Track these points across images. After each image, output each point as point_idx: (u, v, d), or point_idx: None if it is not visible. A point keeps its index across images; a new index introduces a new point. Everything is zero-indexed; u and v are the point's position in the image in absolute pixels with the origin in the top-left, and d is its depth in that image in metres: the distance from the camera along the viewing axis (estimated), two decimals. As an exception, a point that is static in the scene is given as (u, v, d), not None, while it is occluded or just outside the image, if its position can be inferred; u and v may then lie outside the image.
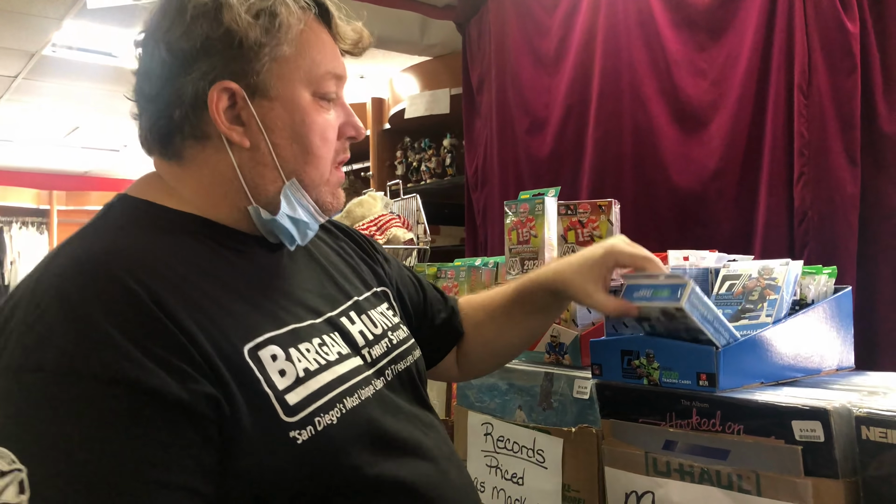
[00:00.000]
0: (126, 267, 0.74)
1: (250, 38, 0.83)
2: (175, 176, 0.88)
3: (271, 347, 0.79)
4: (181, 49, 0.82)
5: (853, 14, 1.71)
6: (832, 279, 1.22)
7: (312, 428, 0.77)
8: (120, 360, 0.68)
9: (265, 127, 0.86)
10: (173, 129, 0.85)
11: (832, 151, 1.73)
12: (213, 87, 0.83)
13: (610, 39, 2.25)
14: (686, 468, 1.03)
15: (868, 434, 0.86)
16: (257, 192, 0.87)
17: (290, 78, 0.86)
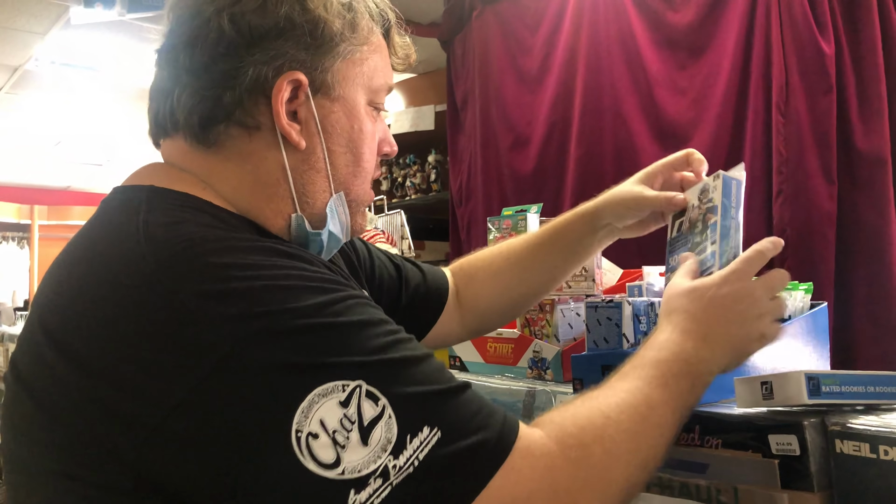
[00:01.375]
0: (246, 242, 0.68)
1: (333, 30, 0.76)
2: (209, 167, 0.76)
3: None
4: (251, 25, 0.72)
5: (829, 36, 1.75)
6: (808, 295, 1.24)
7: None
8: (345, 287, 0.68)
9: (323, 129, 0.78)
10: (220, 112, 0.74)
11: (809, 169, 1.76)
12: (283, 76, 0.73)
13: (592, 58, 2.28)
14: (666, 482, 1.04)
15: (842, 447, 0.87)
16: (305, 199, 0.79)
17: (355, 81, 0.80)
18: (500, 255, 1.18)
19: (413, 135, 3.67)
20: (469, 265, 1.22)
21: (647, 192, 1.05)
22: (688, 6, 2.06)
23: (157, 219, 0.68)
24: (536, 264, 1.15)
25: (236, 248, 0.65)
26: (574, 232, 1.12)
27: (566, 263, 1.16)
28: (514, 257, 1.16)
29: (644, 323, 1.18)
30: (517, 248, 1.17)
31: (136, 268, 0.64)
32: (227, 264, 0.63)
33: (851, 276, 1.74)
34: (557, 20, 2.42)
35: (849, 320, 1.73)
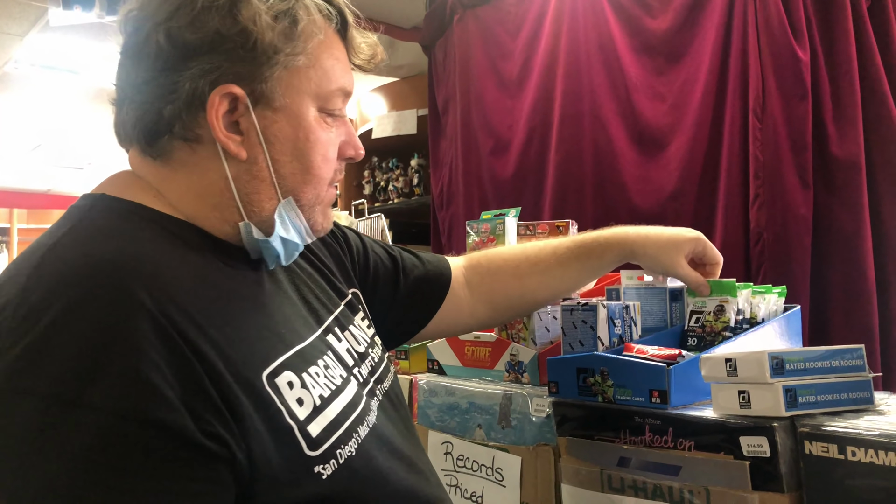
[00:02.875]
0: (142, 282, 0.66)
1: (266, 41, 0.76)
2: (160, 177, 0.79)
3: (286, 374, 0.74)
4: (184, 40, 0.74)
5: (804, 43, 1.77)
6: (782, 298, 1.26)
7: (335, 461, 0.74)
8: (135, 392, 0.61)
9: (265, 139, 0.78)
10: (161, 125, 0.76)
11: (786, 174, 1.78)
12: (216, 90, 0.75)
13: (571, 63, 2.29)
14: (640, 484, 1.05)
15: (811, 449, 0.88)
16: (250, 207, 0.80)
17: (300, 90, 0.80)
18: (526, 260, 1.24)
19: (396, 139, 3.67)
20: (490, 262, 1.26)
21: (686, 266, 1.19)
22: (666, 13, 2.07)
23: (73, 235, 0.72)
24: (564, 275, 1.24)
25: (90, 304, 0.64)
26: (606, 257, 1.22)
27: (590, 279, 1.29)
28: (542, 265, 1.23)
29: (619, 326, 1.19)
30: (545, 257, 1.24)
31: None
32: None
33: (827, 280, 1.76)
34: (537, 25, 2.43)
35: (825, 323, 1.75)
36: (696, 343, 1.18)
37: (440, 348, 1.55)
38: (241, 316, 0.75)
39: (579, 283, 1.28)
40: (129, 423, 0.60)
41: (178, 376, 0.63)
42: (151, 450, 0.61)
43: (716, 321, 1.17)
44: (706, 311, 1.18)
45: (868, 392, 0.97)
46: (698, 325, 1.19)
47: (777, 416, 0.90)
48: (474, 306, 1.23)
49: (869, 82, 1.75)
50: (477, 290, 1.23)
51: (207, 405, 0.65)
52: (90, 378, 0.60)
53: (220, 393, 0.66)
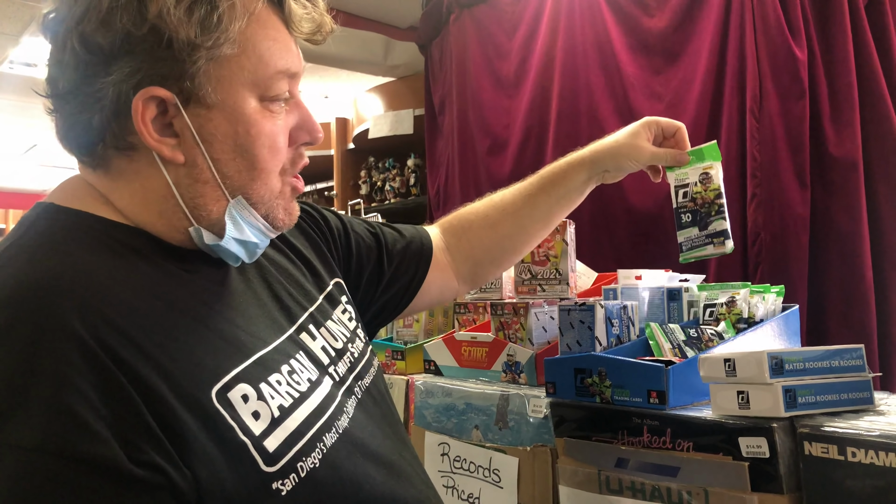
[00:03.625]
0: (73, 304, 0.62)
1: (181, 37, 0.69)
2: (105, 185, 0.75)
3: (241, 387, 0.70)
4: (97, 45, 0.68)
5: (801, 42, 1.77)
6: (780, 298, 1.25)
7: (296, 475, 0.70)
8: (57, 425, 0.58)
9: (202, 139, 0.73)
10: (93, 135, 0.72)
11: (783, 173, 1.77)
12: (137, 95, 0.69)
13: (568, 63, 2.29)
14: (638, 486, 1.04)
15: (811, 450, 0.88)
16: (198, 212, 0.75)
17: (232, 81, 0.73)
18: (493, 207, 1.21)
19: (392, 139, 3.67)
20: (460, 220, 1.24)
21: (651, 147, 1.15)
22: (663, 11, 2.06)
23: (12, 251, 0.68)
24: (533, 211, 1.19)
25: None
26: (571, 179, 1.18)
27: (561, 209, 1.22)
28: (510, 207, 1.19)
29: (616, 326, 1.18)
30: (510, 198, 1.21)
31: None
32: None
33: (825, 280, 1.75)
34: (534, 25, 2.43)
35: (823, 323, 1.74)
36: (691, 219, 1.12)
37: (437, 349, 1.54)
38: (192, 328, 0.71)
39: (551, 215, 1.22)
40: (52, 459, 0.57)
41: (108, 405, 0.60)
42: (76, 486, 0.58)
43: (706, 190, 1.10)
44: (691, 182, 1.12)
45: (868, 392, 0.97)
46: (688, 200, 1.12)
47: (776, 416, 0.89)
48: (457, 268, 1.21)
49: (866, 81, 1.75)
50: (456, 250, 1.21)
51: (141, 433, 0.61)
52: (10, 415, 0.57)
53: (159, 417, 0.62)
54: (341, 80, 4.17)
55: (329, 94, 4.55)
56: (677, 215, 1.12)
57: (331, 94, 4.55)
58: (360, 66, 3.64)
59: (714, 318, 1.22)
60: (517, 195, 1.20)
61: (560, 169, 1.19)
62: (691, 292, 1.29)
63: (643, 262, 1.50)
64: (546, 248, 1.41)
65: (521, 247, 1.25)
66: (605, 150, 1.17)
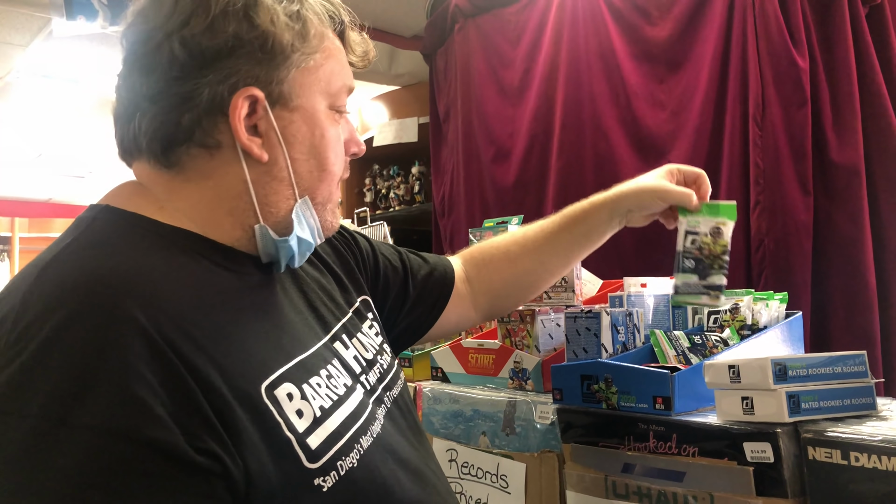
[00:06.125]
0: (135, 298, 0.65)
1: (283, 43, 0.77)
2: (170, 187, 0.79)
3: (286, 385, 0.73)
4: (201, 47, 0.74)
5: (803, 50, 1.78)
6: (783, 304, 1.26)
7: (336, 473, 0.73)
8: (125, 410, 0.60)
9: (284, 140, 0.79)
10: (180, 134, 0.76)
11: (786, 181, 1.79)
12: (237, 94, 0.75)
13: (572, 72, 2.31)
14: (644, 490, 1.05)
15: (815, 454, 0.89)
16: (268, 209, 0.80)
17: (312, 88, 0.81)
18: (515, 243, 1.24)
19: (397, 147, 3.68)
20: (481, 252, 1.26)
21: (672, 186, 1.14)
22: (665, 20, 2.08)
23: (73, 250, 0.72)
24: (554, 248, 1.21)
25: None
26: (594, 219, 1.19)
27: (582, 249, 1.23)
28: (531, 244, 1.21)
29: (622, 333, 1.19)
30: (533, 235, 1.23)
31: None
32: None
33: (828, 286, 1.77)
34: (538, 34, 2.45)
35: (826, 330, 1.76)
36: (693, 266, 1.13)
37: (444, 356, 1.56)
38: (241, 327, 0.74)
39: (572, 254, 1.23)
40: (120, 442, 0.59)
41: (169, 393, 0.63)
42: (142, 469, 0.60)
43: (714, 243, 1.12)
44: (701, 231, 1.13)
45: (871, 398, 0.98)
46: (695, 247, 1.13)
47: (780, 421, 0.90)
48: (476, 299, 1.23)
49: (868, 89, 1.76)
50: (476, 282, 1.23)
51: (200, 421, 0.64)
52: (79, 397, 0.60)
53: (215, 408, 0.65)
54: (346, 89, 4.19)
55: (333, 102, 4.57)
56: (680, 259, 1.13)
57: (335, 103, 4.57)
58: (365, 74, 3.66)
59: (718, 325, 1.24)
60: (539, 232, 1.23)
61: (582, 208, 1.21)
62: (696, 299, 1.30)
63: (648, 270, 1.51)
64: (552, 256, 1.42)
65: (539, 283, 1.27)
66: (628, 190, 1.18)
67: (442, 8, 2.83)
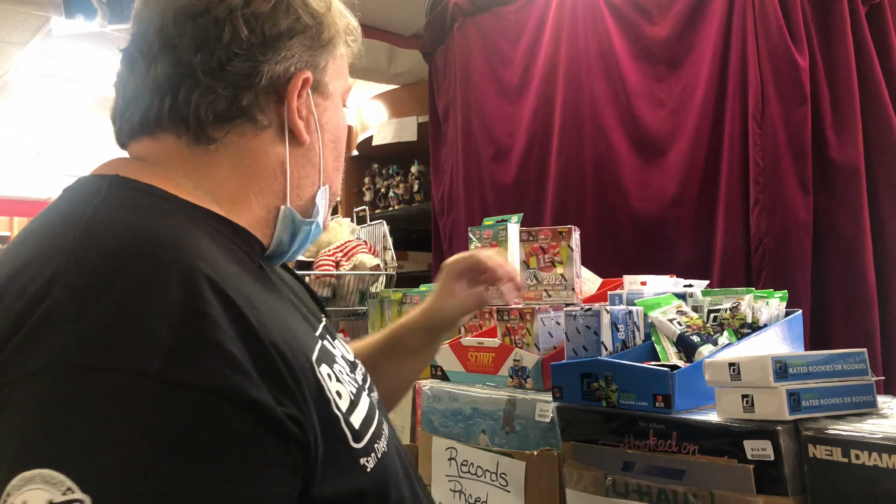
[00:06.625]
0: (199, 257, 0.63)
1: (331, 31, 0.80)
2: (195, 164, 0.75)
3: (324, 366, 0.70)
4: (264, 28, 0.75)
5: (803, 49, 1.78)
6: (783, 303, 1.26)
7: (375, 455, 0.72)
8: (220, 368, 0.57)
9: (320, 125, 0.82)
10: (234, 110, 0.75)
11: (786, 179, 1.79)
12: (297, 75, 0.77)
13: (571, 70, 2.30)
14: (644, 489, 1.05)
15: (815, 452, 0.89)
16: (296, 192, 0.81)
17: (338, 79, 0.84)
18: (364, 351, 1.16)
19: (396, 146, 3.68)
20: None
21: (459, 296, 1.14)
22: (665, 19, 2.08)
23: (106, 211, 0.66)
24: (385, 367, 1.13)
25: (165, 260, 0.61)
26: (410, 341, 1.16)
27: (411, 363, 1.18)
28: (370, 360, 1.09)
29: (622, 331, 1.19)
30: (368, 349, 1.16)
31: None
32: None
33: (827, 285, 1.77)
34: (537, 33, 2.45)
35: (826, 329, 1.76)
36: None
37: (443, 354, 1.56)
38: (276, 303, 0.72)
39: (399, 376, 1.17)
40: (218, 401, 0.56)
41: (252, 355, 0.60)
42: (239, 429, 0.57)
43: (732, 318, 1.20)
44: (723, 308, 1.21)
45: (871, 396, 0.98)
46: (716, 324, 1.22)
47: (781, 419, 0.90)
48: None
49: (868, 87, 1.76)
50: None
51: (283, 384, 0.61)
52: (172, 353, 0.56)
53: (290, 373, 0.62)
54: (345, 88, 4.19)
55: (333, 101, 4.57)
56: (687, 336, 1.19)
57: (334, 102, 4.57)
58: (364, 73, 3.67)
59: (718, 324, 1.23)
60: (373, 349, 1.16)
61: (400, 332, 1.17)
62: (696, 297, 1.30)
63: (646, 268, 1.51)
64: (552, 254, 1.42)
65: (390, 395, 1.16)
66: (431, 313, 1.15)
67: (441, 7, 2.83)
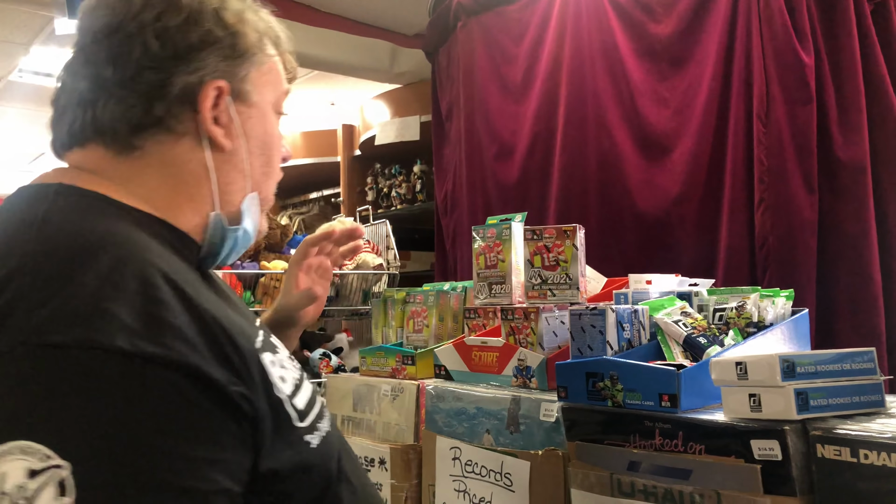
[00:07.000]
0: (152, 254, 0.69)
1: (248, 42, 0.83)
2: (125, 172, 0.79)
3: (266, 354, 0.75)
4: (175, 40, 0.78)
5: (808, 47, 1.78)
6: (790, 302, 1.26)
7: (318, 433, 0.77)
8: (178, 342, 0.62)
9: (244, 132, 0.84)
10: (149, 120, 0.79)
11: (791, 178, 1.78)
12: (206, 84, 0.80)
13: (575, 69, 2.30)
14: (650, 489, 1.05)
15: (823, 452, 0.88)
16: (225, 198, 0.84)
17: (266, 88, 0.87)
18: None
19: (398, 145, 3.68)
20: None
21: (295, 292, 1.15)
22: (669, 17, 2.08)
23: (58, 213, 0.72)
24: None
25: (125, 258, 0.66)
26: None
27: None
28: None
29: (627, 330, 1.19)
30: None
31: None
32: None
33: (833, 284, 1.76)
34: (541, 31, 2.44)
35: (831, 328, 1.75)
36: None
37: (447, 353, 1.55)
38: (217, 300, 0.76)
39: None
40: (179, 376, 0.61)
41: (206, 339, 0.65)
42: (196, 401, 0.62)
43: (738, 317, 1.20)
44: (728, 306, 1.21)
45: (879, 395, 0.97)
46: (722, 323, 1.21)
47: (789, 419, 0.90)
48: None
49: (873, 85, 1.76)
50: None
51: (233, 366, 0.67)
52: (135, 332, 0.61)
53: (239, 356, 0.68)
54: (347, 87, 4.19)
55: (335, 101, 4.57)
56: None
57: (337, 101, 4.57)
58: (367, 73, 3.66)
59: (724, 323, 1.23)
60: None
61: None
62: (701, 296, 1.30)
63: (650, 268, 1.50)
64: (556, 253, 1.41)
65: None
66: (279, 309, 1.16)
67: (444, 6, 2.82)
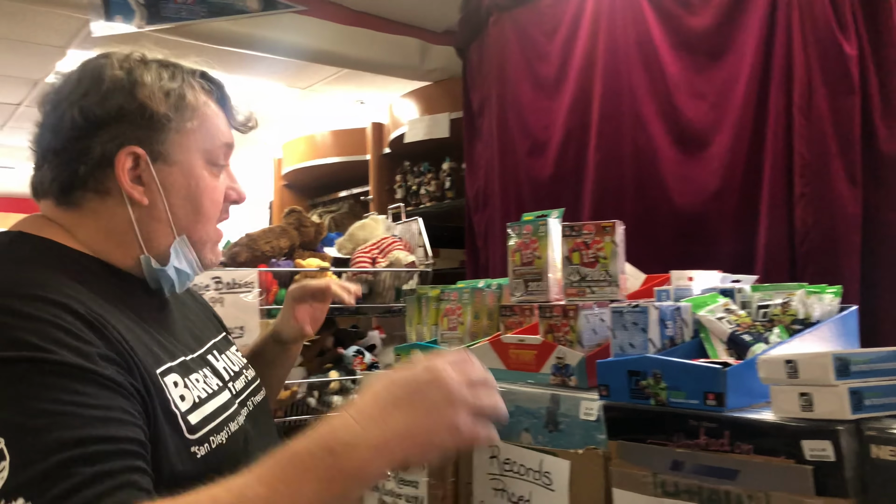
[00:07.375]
0: (61, 294, 0.83)
1: (160, 113, 0.96)
2: (70, 221, 0.97)
3: (172, 375, 0.92)
4: (95, 114, 0.93)
5: (851, 37, 1.74)
6: (837, 298, 1.22)
7: (209, 445, 0.92)
8: (87, 352, 0.78)
9: (164, 188, 0.98)
10: (76, 181, 0.95)
11: (833, 172, 1.74)
12: (121, 151, 0.94)
13: (609, 63, 2.27)
14: (694, 489, 1.03)
15: (878, 453, 0.86)
16: (150, 244, 0.99)
17: (189, 148, 0.99)
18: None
19: (427, 143, 3.68)
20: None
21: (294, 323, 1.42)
22: (706, 9, 2.04)
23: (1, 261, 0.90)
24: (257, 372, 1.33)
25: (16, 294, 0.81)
26: (269, 352, 1.42)
27: (276, 369, 1.44)
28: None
29: (670, 328, 1.17)
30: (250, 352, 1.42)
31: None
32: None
33: (877, 280, 1.72)
34: (574, 26, 2.42)
35: (876, 324, 1.71)
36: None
37: (483, 351, 1.54)
38: (138, 328, 0.92)
39: (268, 376, 1.34)
40: (82, 372, 0.77)
41: (110, 350, 0.82)
42: (97, 381, 0.78)
43: (783, 314, 1.18)
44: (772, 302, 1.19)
45: (935, 394, 0.94)
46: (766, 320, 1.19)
47: (842, 419, 0.87)
48: None
49: (918, 76, 1.71)
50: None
51: (132, 374, 0.83)
52: (43, 346, 0.76)
53: (137, 364, 0.84)
54: (377, 86, 4.19)
55: (364, 99, 4.58)
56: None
57: (366, 100, 4.58)
58: (396, 70, 3.66)
59: (768, 319, 1.20)
60: (249, 352, 1.40)
61: (261, 343, 1.45)
62: (744, 293, 1.27)
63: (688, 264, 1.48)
64: (595, 249, 1.40)
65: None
66: (276, 332, 1.42)
67: (476, 2, 2.81)
